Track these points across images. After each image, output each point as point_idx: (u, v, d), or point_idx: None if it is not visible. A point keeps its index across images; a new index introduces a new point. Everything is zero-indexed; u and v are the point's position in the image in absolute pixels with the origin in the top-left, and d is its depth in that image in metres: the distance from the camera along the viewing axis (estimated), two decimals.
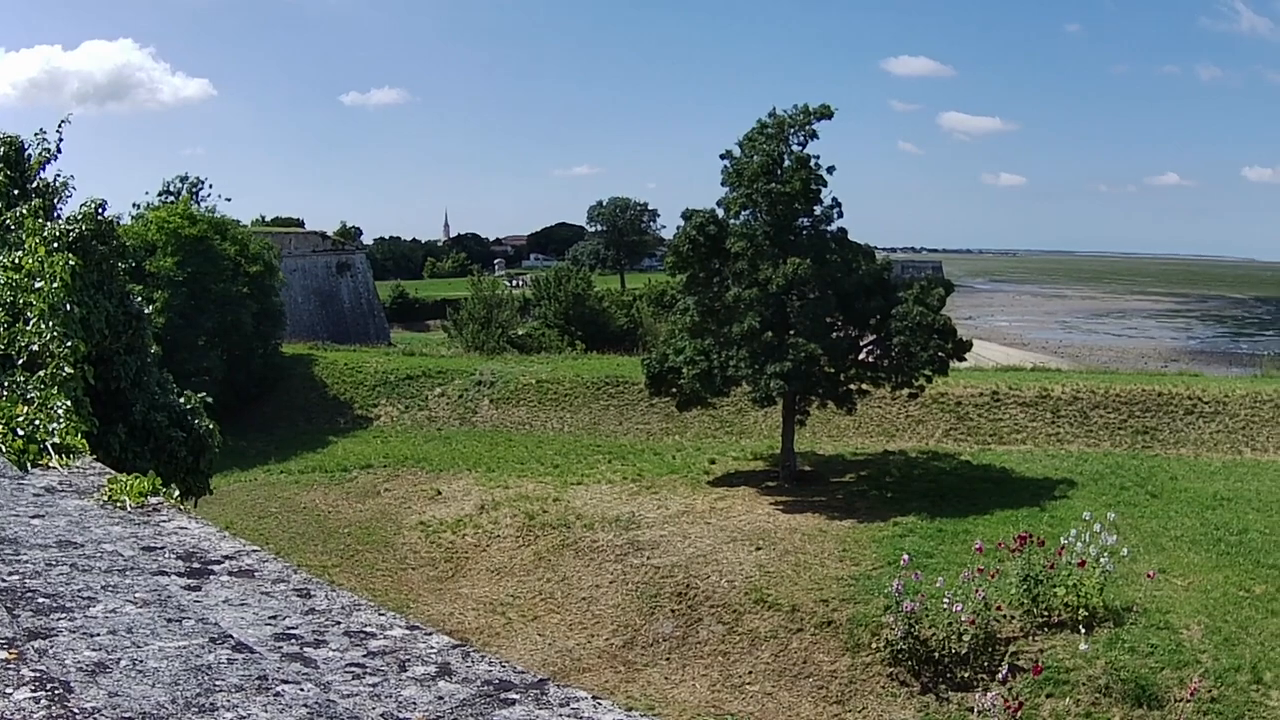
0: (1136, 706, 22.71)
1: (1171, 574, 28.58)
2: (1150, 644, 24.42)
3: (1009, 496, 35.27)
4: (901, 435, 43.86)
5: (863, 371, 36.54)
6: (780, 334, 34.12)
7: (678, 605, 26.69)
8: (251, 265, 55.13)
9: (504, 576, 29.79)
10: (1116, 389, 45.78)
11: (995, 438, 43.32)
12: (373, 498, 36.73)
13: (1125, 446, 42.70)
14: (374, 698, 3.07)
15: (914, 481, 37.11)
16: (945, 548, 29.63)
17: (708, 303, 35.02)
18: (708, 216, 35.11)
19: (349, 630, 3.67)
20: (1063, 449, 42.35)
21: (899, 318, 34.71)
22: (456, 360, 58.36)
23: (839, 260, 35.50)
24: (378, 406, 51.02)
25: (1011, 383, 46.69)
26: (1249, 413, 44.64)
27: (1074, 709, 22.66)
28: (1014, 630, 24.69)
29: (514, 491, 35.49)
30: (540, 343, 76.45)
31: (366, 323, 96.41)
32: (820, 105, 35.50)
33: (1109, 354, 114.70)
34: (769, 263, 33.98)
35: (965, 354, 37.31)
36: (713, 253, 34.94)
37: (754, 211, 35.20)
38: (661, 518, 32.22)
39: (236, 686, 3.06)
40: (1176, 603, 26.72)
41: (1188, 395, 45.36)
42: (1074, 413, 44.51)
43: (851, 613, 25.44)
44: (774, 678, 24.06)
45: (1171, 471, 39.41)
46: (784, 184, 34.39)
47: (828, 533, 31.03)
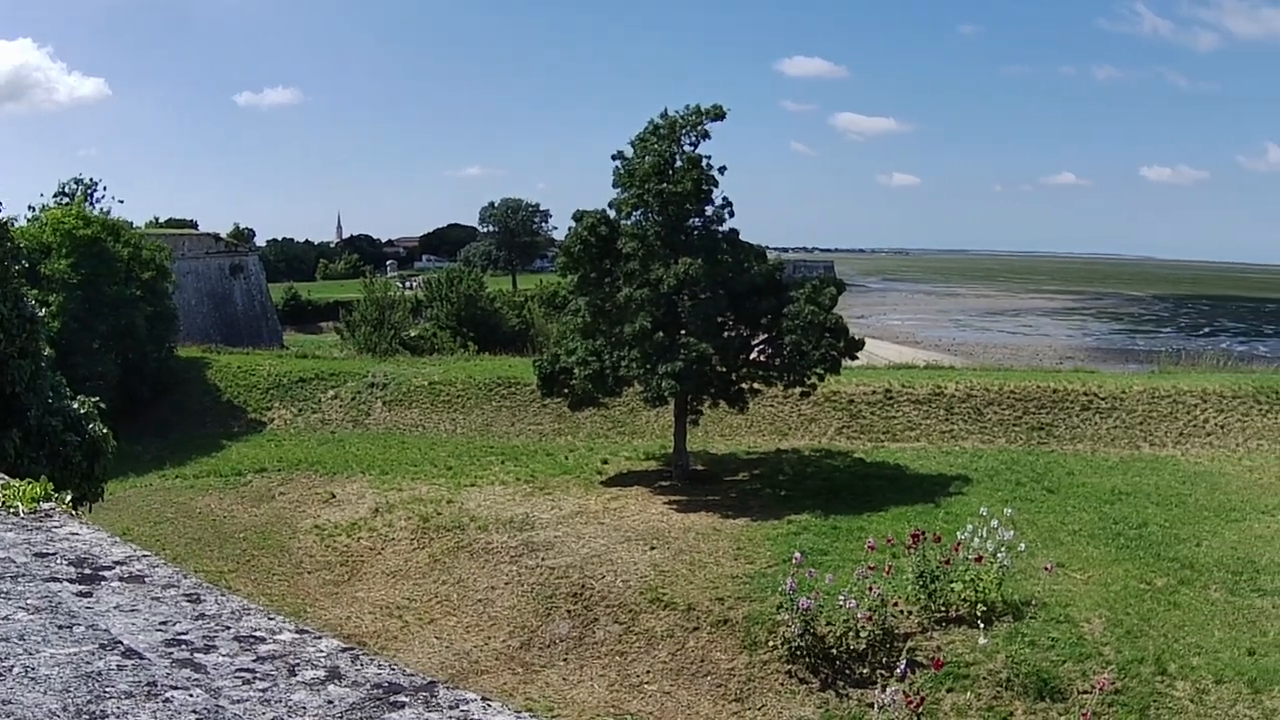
0: (1039, 700, 22.93)
1: (1071, 568, 28.92)
2: (1051, 637, 24.67)
3: (903, 493, 35.53)
4: (794, 434, 44.00)
5: (755, 370, 36.65)
6: (672, 334, 34.19)
7: (574, 606, 26.67)
8: (144, 270, 54.62)
9: (400, 579, 29.67)
10: (1011, 386, 46.21)
11: (889, 435, 43.56)
12: (267, 502, 36.50)
13: (1021, 443, 43.11)
14: (264, 703, 3.07)
15: (807, 479, 37.26)
16: (840, 545, 29.75)
17: (599, 303, 35.03)
18: (599, 217, 35.12)
19: (239, 635, 3.67)
20: (957, 446, 42.69)
21: (791, 317, 34.82)
22: (349, 362, 58.08)
23: (730, 260, 35.56)
24: (271, 410, 50.66)
25: (904, 381, 47.01)
26: (1146, 408, 45.18)
27: (975, 703, 22.84)
28: (912, 626, 24.82)
29: (408, 494, 35.37)
30: (432, 344, 76.24)
31: (260, 325, 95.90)
32: (712, 105, 35.61)
33: (1003, 352, 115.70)
34: (660, 263, 34.03)
35: (857, 352, 37.46)
36: (604, 253, 34.96)
37: (645, 212, 35.21)
38: (555, 518, 32.19)
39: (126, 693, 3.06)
40: (1076, 596, 27.03)
41: (1084, 392, 45.81)
42: (968, 410, 44.86)
43: (747, 611, 25.49)
44: (672, 677, 24.10)
45: (1068, 467, 39.89)
46: (675, 184, 34.43)
47: (722, 531, 31.09)
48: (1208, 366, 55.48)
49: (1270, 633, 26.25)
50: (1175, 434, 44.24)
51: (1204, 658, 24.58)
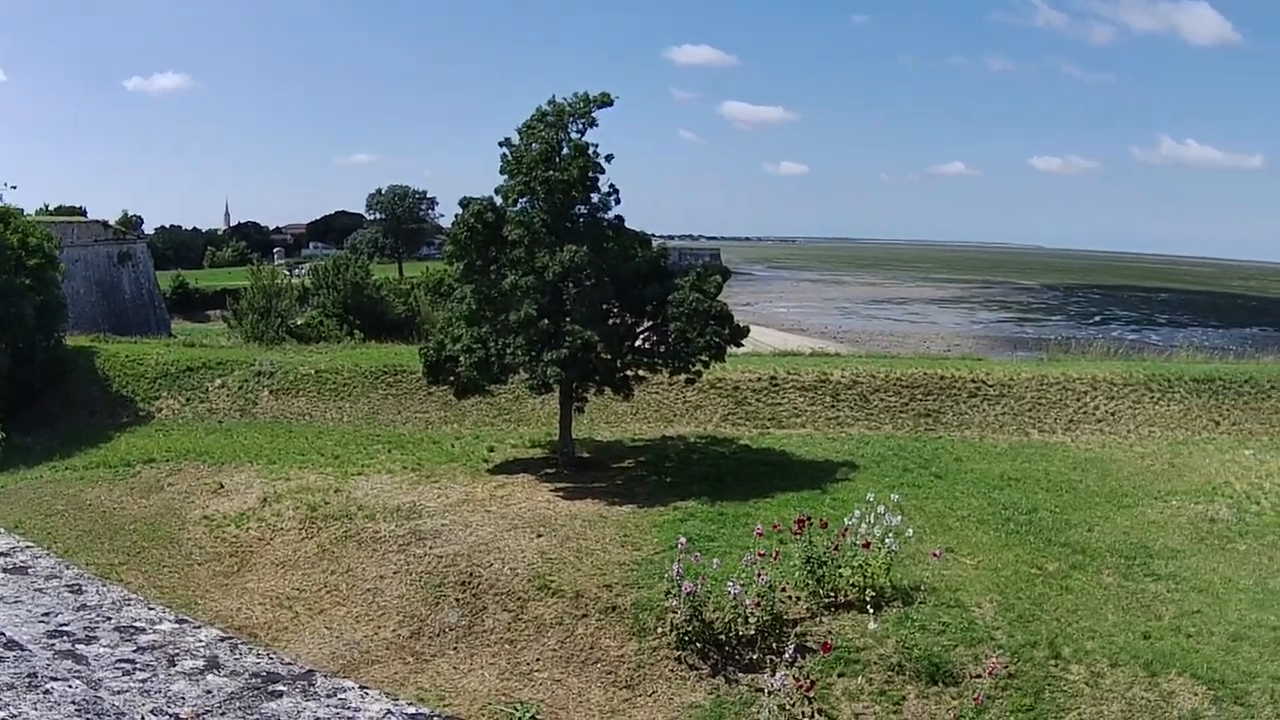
0: (931, 684, 23.07)
1: (960, 553, 29.17)
2: (942, 622, 24.84)
3: (790, 479, 35.64)
4: (680, 420, 44.13)
5: (639, 358, 36.59)
6: (557, 321, 34.11)
7: (462, 594, 26.58)
8: (32, 258, 53.96)
9: (289, 569, 29.48)
10: (898, 373, 46.51)
11: (774, 422, 43.70)
12: (157, 493, 36.12)
13: (908, 430, 43.48)
14: (144, 694, 3.09)
15: (693, 466, 37.34)
16: (727, 531, 29.83)
17: (485, 291, 34.89)
18: (485, 204, 34.99)
19: (119, 626, 3.69)
20: (843, 432, 42.91)
21: (675, 304, 34.88)
22: (236, 351, 57.56)
23: (616, 248, 35.54)
24: (159, 399, 50.11)
25: (790, 368, 47.15)
26: (1035, 395, 45.71)
27: (867, 688, 22.92)
28: (801, 612, 24.91)
29: (295, 483, 35.13)
30: (319, 332, 75.83)
31: (148, 314, 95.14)
32: (600, 93, 35.57)
33: (890, 339, 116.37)
34: (546, 250, 33.99)
35: (743, 340, 37.52)
36: (490, 240, 34.85)
37: (532, 199, 35.13)
38: (442, 506, 32.07)
39: (7, 685, 3.07)
40: (967, 581, 27.24)
41: (971, 379, 46.24)
42: (854, 397, 45.11)
43: (636, 597, 25.51)
44: (562, 664, 24.08)
45: (956, 453, 40.27)
46: (562, 172, 34.37)
47: (608, 518, 31.09)
48: (1098, 354, 56.18)
49: (1165, 617, 26.65)
50: (1065, 421, 44.76)
51: (1098, 641, 24.87)
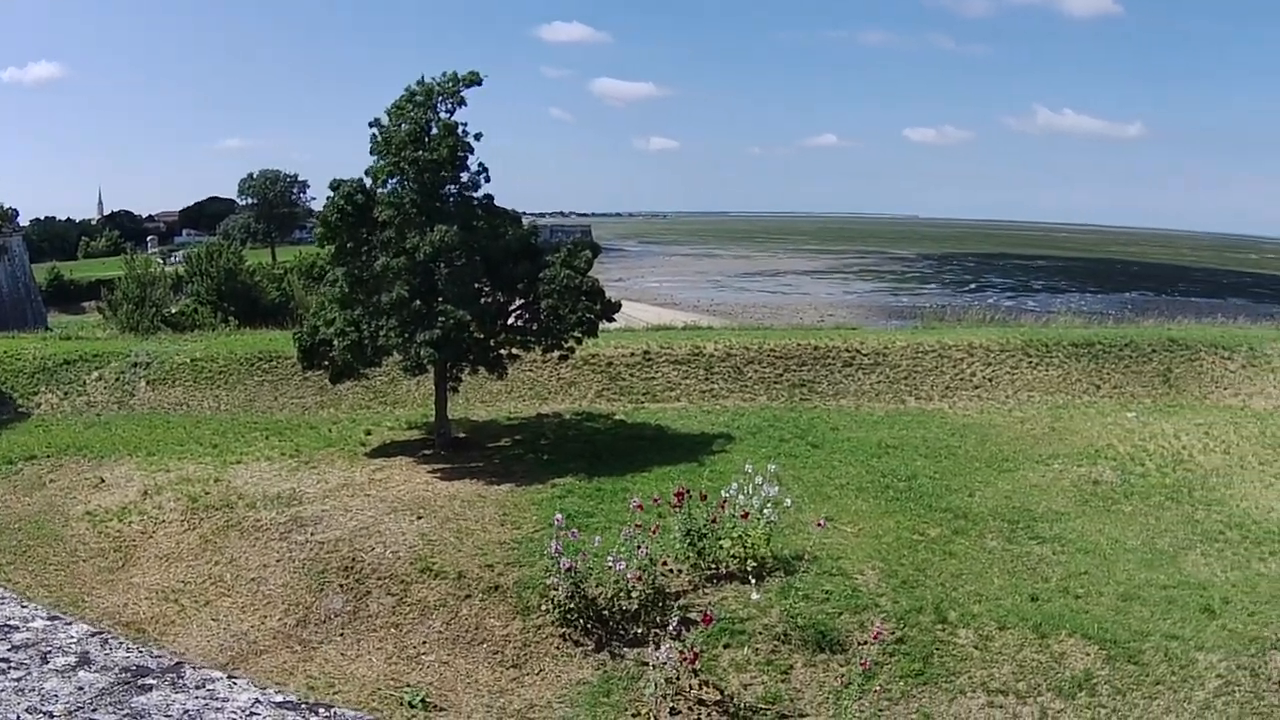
0: (819, 652, 23.20)
1: (840, 521, 29.31)
2: (825, 590, 25.00)
3: (666, 453, 35.78)
4: (555, 398, 44.14)
5: (512, 336, 36.53)
6: (429, 302, 33.97)
7: (346, 580, 26.42)
8: None
9: (173, 562, 29.13)
10: (771, 344, 46.67)
11: (649, 396, 43.85)
12: (39, 490, 35.55)
13: (783, 400, 43.66)
14: (18, 693, 3.10)
15: (569, 443, 37.38)
16: (605, 506, 29.90)
17: (357, 273, 34.72)
18: (355, 186, 34.80)
19: None
20: (718, 405, 43.09)
21: (547, 281, 34.92)
22: (112, 342, 56.46)
23: (486, 226, 35.45)
24: (38, 395, 49.27)
25: (663, 342, 47.27)
26: (911, 363, 46.05)
27: (754, 658, 23.03)
28: (683, 584, 25.01)
29: (176, 474, 34.68)
30: (194, 320, 75.39)
31: (24, 308, 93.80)
32: (469, 72, 35.48)
33: (764, 311, 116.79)
34: (416, 231, 33.87)
35: (615, 315, 37.57)
36: (361, 222, 34.69)
37: (401, 180, 34.97)
38: (322, 492, 31.88)
39: None
40: (848, 549, 27.44)
41: (846, 348, 46.52)
42: (728, 369, 45.27)
43: (518, 576, 25.49)
44: (448, 646, 24.00)
45: (833, 422, 40.49)
46: (431, 151, 34.24)
47: (487, 498, 31.03)
48: (974, 321, 56.67)
49: (1052, 579, 27.00)
50: (942, 388, 45.18)
51: (985, 605, 25.15)
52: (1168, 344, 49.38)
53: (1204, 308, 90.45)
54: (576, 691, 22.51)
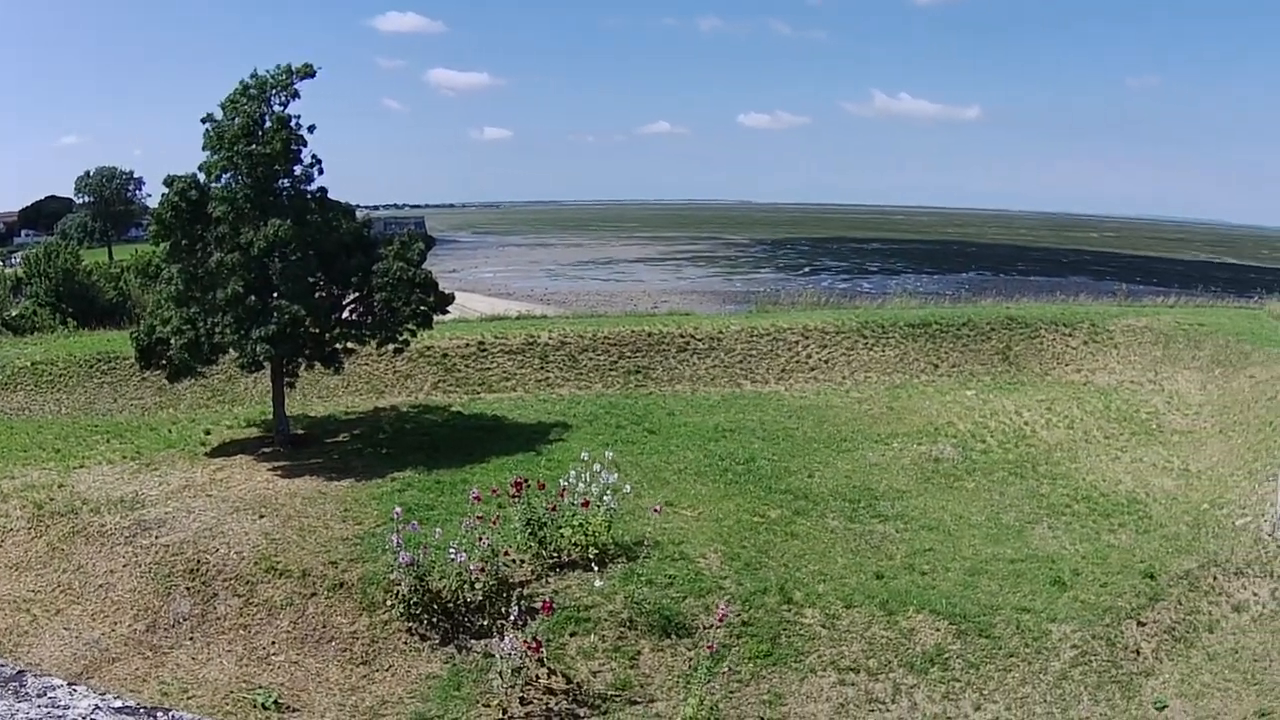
0: (665, 637, 23.29)
1: (680, 506, 29.46)
2: (668, 575, 25.07)
3: (504, 443, 35.74)
4: (391, 391, 43.89)
5: (348, 330, 36.16)
6: (264, 298, 33.58)
7: (192, 582, 25.94)
8: None
9: (22, 572, 28.48)
10: (605, 332, 46.73)
11: (485, 387, 43.71)
12: None
13: (618, 387, 43.76)
14: None
15: (407, 436, 37.17)
16: (445, 499, 29.74)
17: (192, 270, 34.21)
18: (189, 182, 34.30)
19: None
20: (554, 393, 43.13)
21: (380, 274, 34.70)
22: None
23: (320, 220, 35.09)
24: None
25: (498, 332, 47.10)
26: (745, 347, 46.30)
27: (601, 645, 23.05)
28: (526, 574, 24.94)
29: (20, 481, 33.86)
30: (33, 323, 74.04)
31: None
32: (303, 64, 35.12)
33: (598, 299, 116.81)
34: (250, 226, 33.51)
35: (449, 307, 37.42)
36: (195, 218, 34.19)
37: (235, 174, 34.53)
38: (165, 494, 31.28)
39: None
40: (689, 533, 27.54)
41: (680, 334, 46.64)
42: (562, 357, 45.27)
43: (362, 572, 25.21)
44: (297, 645, 23.72)
45: (669, 408, 40.61)
46: (264, 145, 33.88)
47: (328, 494, 30.74)
48: (808, 304, 57.02)
49: (897, 556, 27.33)
50: (778, 371, 45.50)
51: (830, 584, 25.37)
52: (1007, 322, 50.10)
53: (1044, 286, 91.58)
54: (427, 686, 22.34)
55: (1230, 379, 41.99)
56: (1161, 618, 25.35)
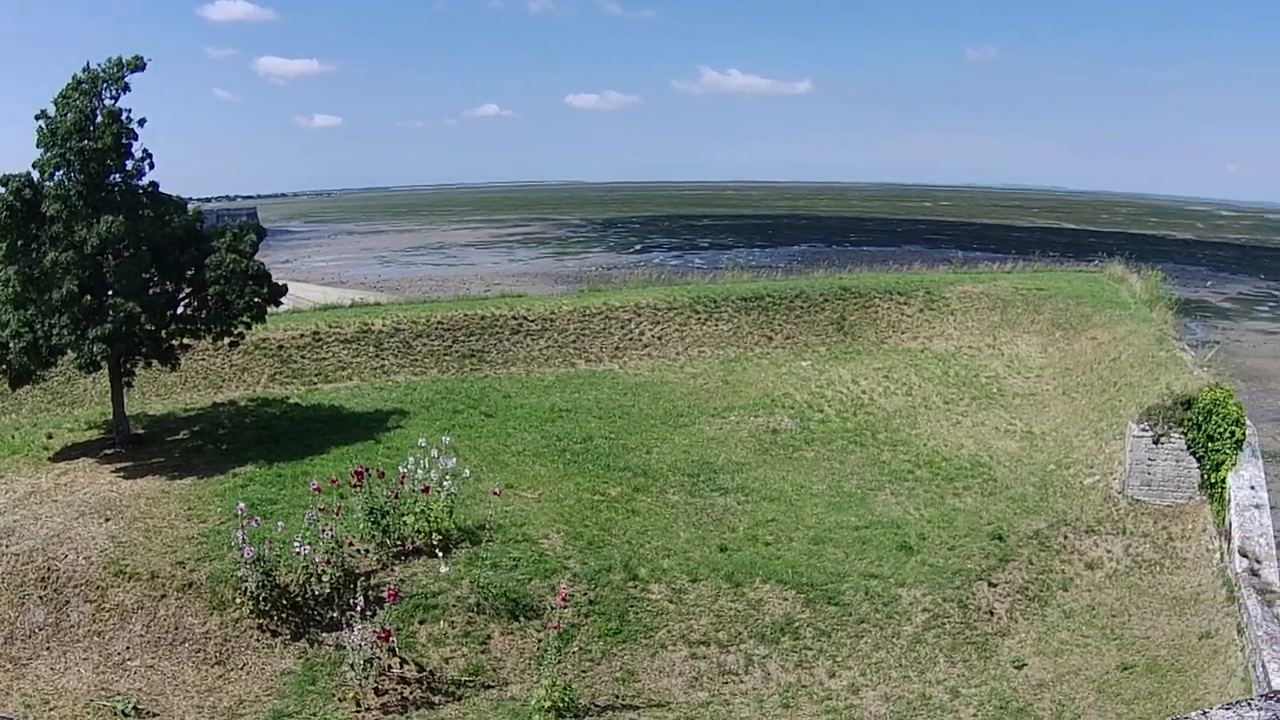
0: (513, 620, 23.54)
1: (520, 488, 29.68)
2: (513, 558, 25.32)
3: (343, 433, 35.66)
4: (229, 385, 43.26)
5: (183, 325, 35.74)
6: (99, 296, 33.25)
7: (44, 591, 25.48)
8: None
9: None
10: (439, 317, 46.58)
11: (321, 377, 43.42)
12: None
13: (453, 372, 43.62)
14: None
15: (246, 430, 36.83)
16: (288, 492, 29.59)
17: (28, 271, 33.81)
18: (24, 181, 33.84)
19: None
20: (390, 381, 42.92)
21: (213, 268, 34.41)
22: None
23: (153, 215, 34.68)
24: None
25: (332, 321, 46.76)
26: (578, 327, 46.32)
27: (451, 631, 23.23)
28: (371, 564, 25.05)
29: None
30: None
31: None
32: (133, 57, 34.70)
33: (430, 284, 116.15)
34: (84, 223, 33.15)
35: (282, 298, 37.17)
36: (30, 218, 33.79)
37: (68, 171, 34.15)
38: (11, 502, 30.73)
39: None
40: (531, 515, 27.76)
41: (513, 316, 46.60)
42: (397, 344, 45.04)
43: (210, 570, 24.96)
44: (152, 649, 23.48)
45: (504, 390, 40.78)
46: (95, 140, 33.50)
47: (171, 494, 30.32)
48: (640, 282, 56.92)
49: (739, 528, 27.75)
50: (611, 349, 45.62)
51: (674, 559, 25.78)
52: (840, 293, 50.54)
53: (878, 256, 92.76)
54: (283, 682, 22.31)
55: (1072, 341, 42.81)
56: (1013, 578, 25.93)
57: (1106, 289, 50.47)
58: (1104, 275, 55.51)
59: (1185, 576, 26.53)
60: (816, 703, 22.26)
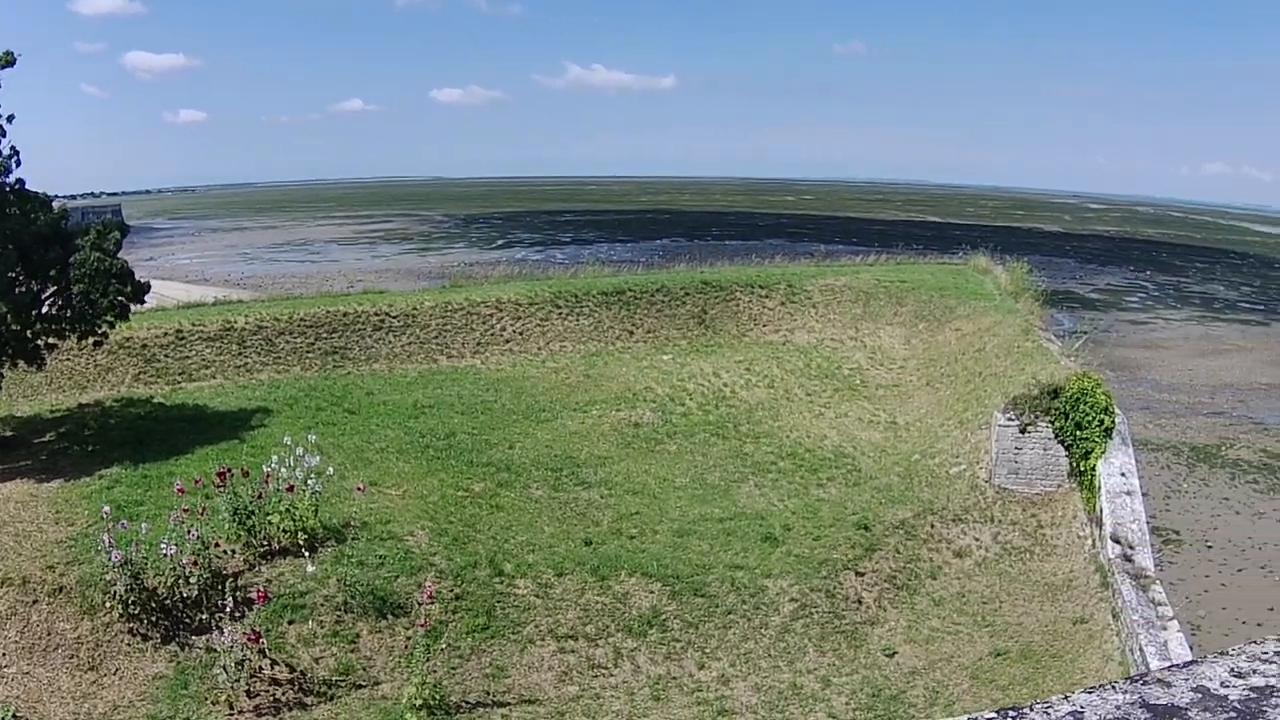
0: (382, 618, 23.49)
1: (384, 485, 29.66)
2: (379, 556, 25.30)
3: (207, 433, 35.43)
4: (94, 385, 42.81)
5: (48, 325, 35.53)
6: None
7: None
8: None
9: None
10: (301, 314, 46.33)
11: (185, 376, 43.05)
12: None
13: (316, 369, 43.44)
14: None
15: (112, 431, 36.49)
16: (154, 493, 29.27)
17: None
18: None
19: None
20: (253, 379, 42.71)
21: (77, 266, 34.19)
22: None
23: (19, 213, 34.49)
24: None
25: (195, 319, 46.30)
26: (440, 322, 46.30)
27: (320, 631, 23.16)
28: (238, 564, 24.88)
29: None
30: None
31: None
32: (4, 52, 34.43)
33: (293, 281, 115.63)
34: None
35: (145, 296, 36.93)
36: None
37: None
38: None
39: None
40: (396, 512, 27.79)
41: (375, 312, 46.47)
42: (260, 342, 44.78)
43: (79, 574, 24.59)
44: (26, 655, 23.15)
45: (367, 387, 40.73)
46: None
47: (39, 497, 30.01)
48: (502, 277, 57.06)
49: (604, 522, 27.91)
50: (473, 344, 45.66)
51: (540, 554, 25.91)
52: (702, 287, 50.93)
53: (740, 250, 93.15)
54: (155, 687, 22.10)
55: (935, 333, 43.38)
56: (880, 567, 26.29)
57: (971, 281, 51.21)
58: (968, 267, 56.41)
59: (1057, 563, 27.03)
60: (687, 694, 22.45)
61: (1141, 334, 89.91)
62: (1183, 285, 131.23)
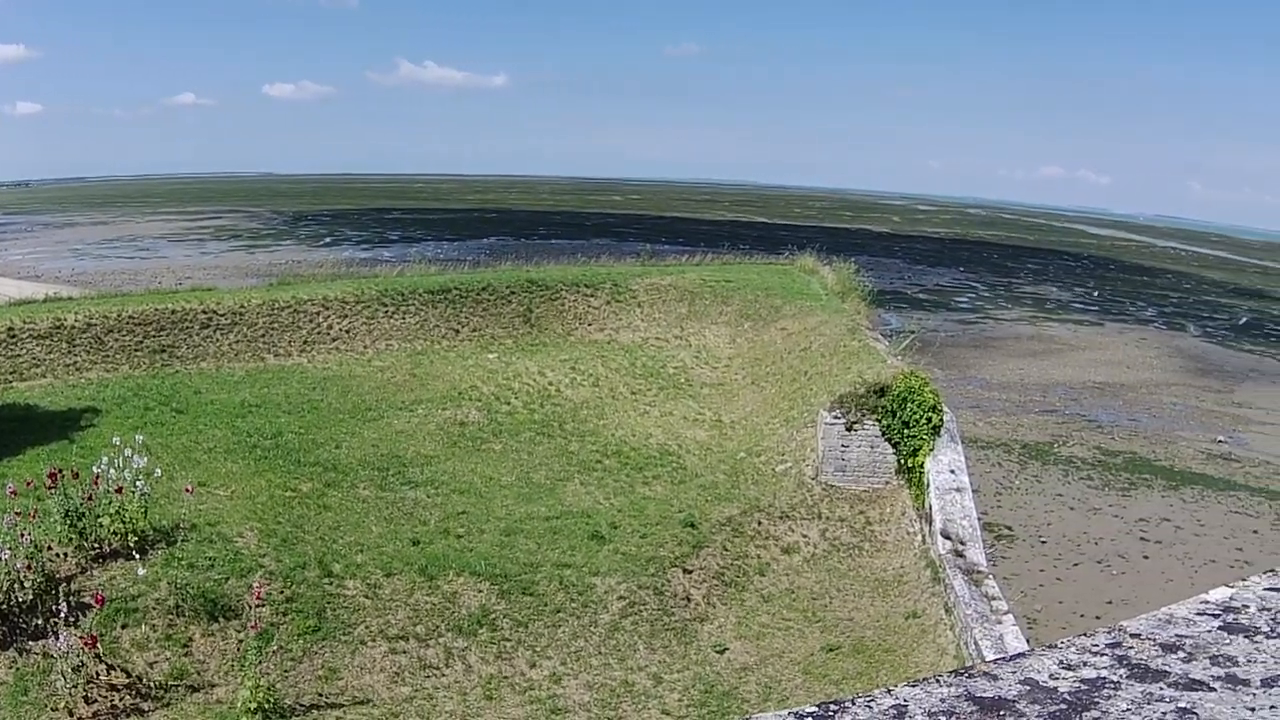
0: (213, 621, 23.15)
1: (213, 486, 29.20)
2: (208, 558, 24.89)
3: (37, 433, 34.61)
4: None
5: None
6: None
7: None
8: None
9: None
10: (130, 311, 45.57)
11: (16, 375, 41.92)
12: None
13: (145, 368, 42.64)
14: None
15: None
16: None
17: None
18: None
19: None
20: (83, 378, 41.77)
21: None
22: None
23: None
24: None
25: (26, 316, 45.34)
26: (268, 320, 45.78)
27: (153, 635, 22.77)
28: (71, 568, 24.32)
29: None
30: None
31: None
32: None
33: (123, 277, 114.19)
34: None
35: None
36: None
37: None
38: None
39: None
40: (224, 513, 27.36)
41: (203, 310, 45.87)
42: (89, 340, 44.02)
43: None
44: None
45: (195, 386, 40.08)
46: None
47: None
48: (329, 275, 56.66)
49: (431, 521, 27.82)
50: (300, 343, 45.21)
51: (368, 554, 25.73)
52: (527, 285, 50.84)
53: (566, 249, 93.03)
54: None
55: (761, 332, 43.67)
56: (708, 564, 26.49)
57: (797, 281, 51.56)
58: (795, 267, 56.61)
59: (886, 559, 27.40)
60: (519, 693, 22.52)
61: (971, 334, 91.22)
62: (1014, 286, 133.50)
